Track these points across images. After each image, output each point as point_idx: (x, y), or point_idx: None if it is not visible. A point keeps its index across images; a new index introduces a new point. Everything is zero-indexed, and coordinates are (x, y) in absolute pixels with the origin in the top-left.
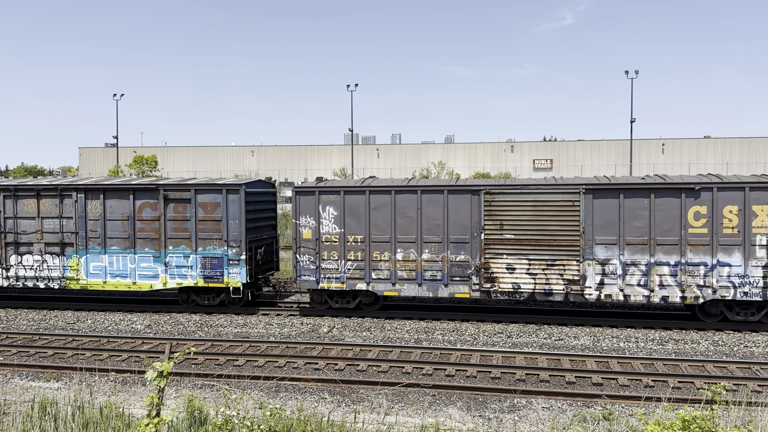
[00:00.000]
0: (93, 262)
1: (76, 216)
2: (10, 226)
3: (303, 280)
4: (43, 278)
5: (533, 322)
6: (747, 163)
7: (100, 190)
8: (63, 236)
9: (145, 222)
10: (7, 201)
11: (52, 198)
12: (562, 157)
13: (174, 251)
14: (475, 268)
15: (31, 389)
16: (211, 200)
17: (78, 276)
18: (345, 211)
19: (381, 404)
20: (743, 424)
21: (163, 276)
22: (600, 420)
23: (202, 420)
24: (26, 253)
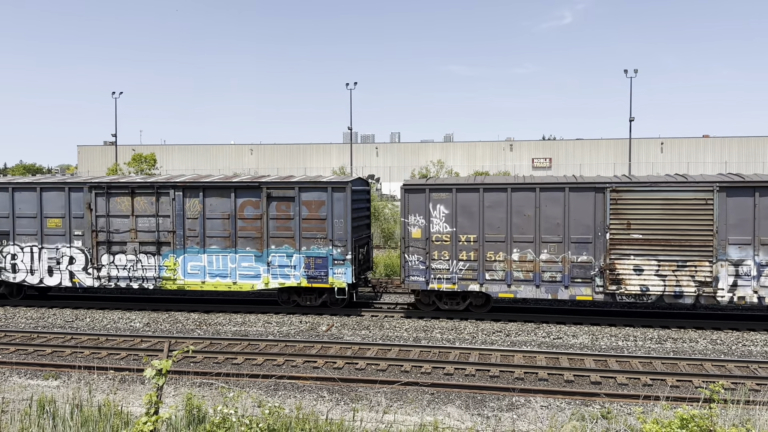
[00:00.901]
0: (191, 261)
1: (173, 214)
2: (102, 224)
3: (411, 281)
4: (137, 278)
5: (532, 321)
6: (746, 163)
7: (200, 188)
8: (159, 235)
9: (246, 220)
10: (99, 199)
11: (148, 196)
12: (561, 156)
13: (276, 251)
14: (599, 269)
15: (29, 387)
16: (315, 198)
17: (175, 276)
18: (457, 209)
19: (380, 403)
20: (741, 423)
21: (265, 276)
22: (598, 419)
23: (201, 418)
24: (119, 252)
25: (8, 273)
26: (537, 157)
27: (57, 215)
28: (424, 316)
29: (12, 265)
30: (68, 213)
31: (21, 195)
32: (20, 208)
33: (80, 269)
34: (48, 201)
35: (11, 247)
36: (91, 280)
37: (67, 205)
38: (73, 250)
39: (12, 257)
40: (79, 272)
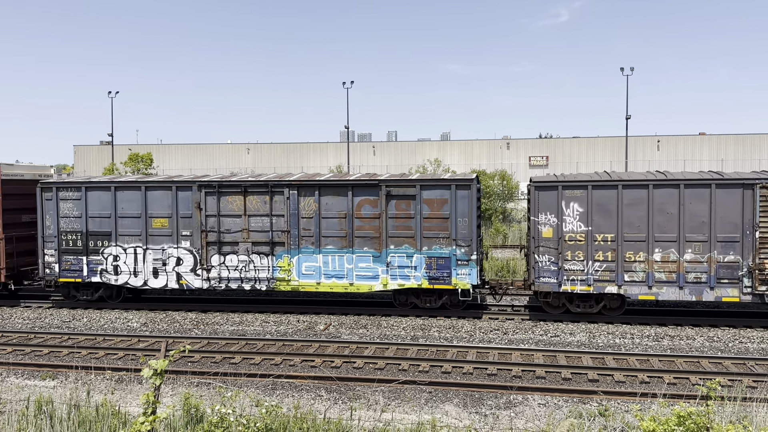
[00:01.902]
0: (306, 262)
1: (287, 213)
2: (212, 224)
3: (542, 282)
4: (249, 279)
5: (529, 319)
6: (742, 160)
7: (315, 186)
8: (272, 235)
9: (364, 220)
10: (209, 198)
11: (261, 195)
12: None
13: (396, 251)
14: (747, 269)
15: (26, 388)
16: (438, 196)
17: (289, 277)
18: (592, 207)
19: (377, 401)
20: (738, 420)
21: (383, 277)
22: (596, 416)
23: (199, 418)
24: (230, 252)
25: (109, 275)
26: (534, 155)
27: (163, 215)
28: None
29: (114, 266)
30: (175, 213)
31: (124, 194)
32: (123, 208)
33: (188, 270)
34: (153, 200)
35: (113, 248)
36: (199, 282)
37: (174, 204)
38: (180, 251)
39: (114, 258)
40: (187, 273)
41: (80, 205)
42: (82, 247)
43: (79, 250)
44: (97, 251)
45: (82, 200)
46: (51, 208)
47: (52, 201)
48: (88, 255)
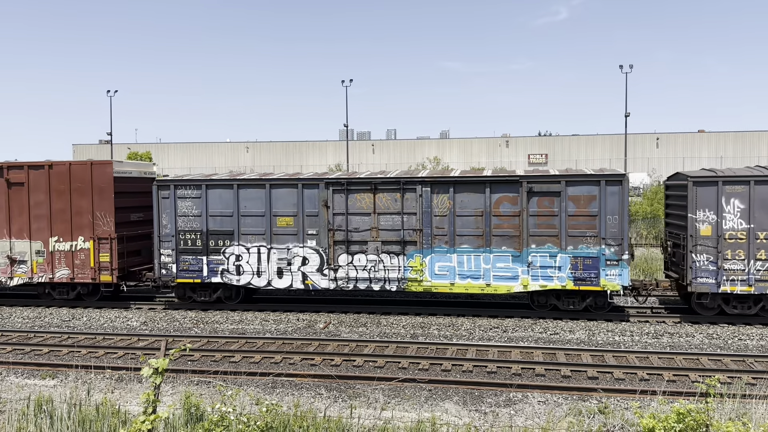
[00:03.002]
0: (439, 261)
1: (420, 212)
2: (340, 223)
3: (699, 283)
4: (379, 279)
5: (529, 317)
6: (741, 157)
7: (449, 184)
8: (403, 234)
9: (502, 218)
10: (337, 196)
11: (392, 192)
12: (557, 152)
13: (537, 250)
14: None
15: (26, 387)
16: (584, 193)
17: (421, 277)
18: (754, 203)
19: (377, 399)
20: (738, 417)
21: (523, 277)
22: (595, 413)
23: (199, 416)
24: (359, 252)
25: (231, 275)
26: (533, 153)
27: (288, 213)
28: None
29: (236, 266)
30: (301, 211)
31: (247, 192)
32: (245, 206)
33: (314, 270)
34: (278, 198)
35: (235, 248)
36: (326, 282)
37: (299, 202)
38: (306, 250)
39: (236, 258)
40: (313, 273)
41: (200, 203)
42: (201, 246)
43: (198, 249)
44: (218, 251)
45: (201, 198)
46: (168, 207)
47: (169, 199)
48: (208, 255)
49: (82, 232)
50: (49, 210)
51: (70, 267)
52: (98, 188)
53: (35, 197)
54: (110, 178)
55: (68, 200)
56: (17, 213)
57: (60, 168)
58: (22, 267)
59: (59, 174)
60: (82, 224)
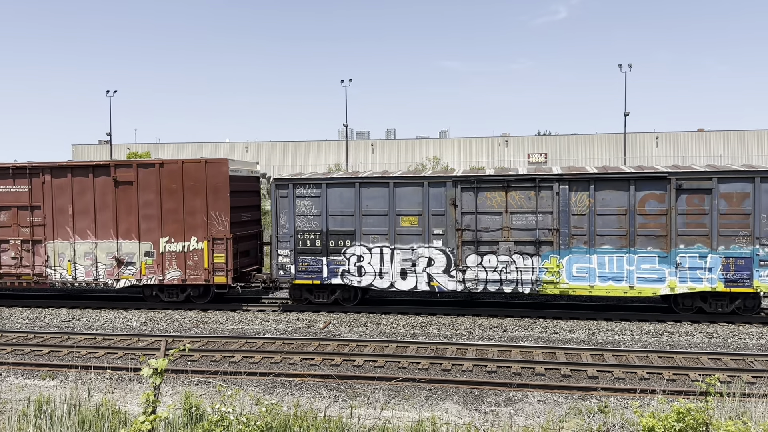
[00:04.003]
0: (576, 263)
1: (556, 210)
2: (468, 222)
3: None
4: (510, 282)
5: (529, 316)
6: (740, 156)
7: (589, 181)
8: (538, 234)
9: (647, 216)
10: (465, 194)
11: (525, 190)
12: (557, 151)
13: (686, 250)
14: None
15: (26, 388)
16: (737, 190)
17: (558, 279)
18: None
19: (377, 399)
20: (737, 416)
21: (670, 279)
22: (595, 413)
23: (199, 416)
24: (489, 253)
25: (352, 276)
26: (532, 152)
27: (412, 213)
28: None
29: (357, 267)
30: (426, 210)
31: (369, 191)
32: (367, 206)
33: (440, 272)
34: (402, 197)
35: (357, 248)
36: (453, 284)
37: (424, 201)
38: (431, 251)
39: (357, 259)
40: (439, 275)
41: (319, 202)
42: (321, 247)
43: (317, 250)
44: (339, 251)
45: (321, 197)
46: (286, 206)
47: (287, 198)
48: (328, 255)
49: (195, 233)
50: (159, 210)
51: (182, 268)
52: (213, 187)
53: (144, 196)
54: (226, 177)
55: (180, 200)
56: (125, 213)
57: (172, 166)
58: (129, 268)
59: (171, 172)
60: (195, 224)
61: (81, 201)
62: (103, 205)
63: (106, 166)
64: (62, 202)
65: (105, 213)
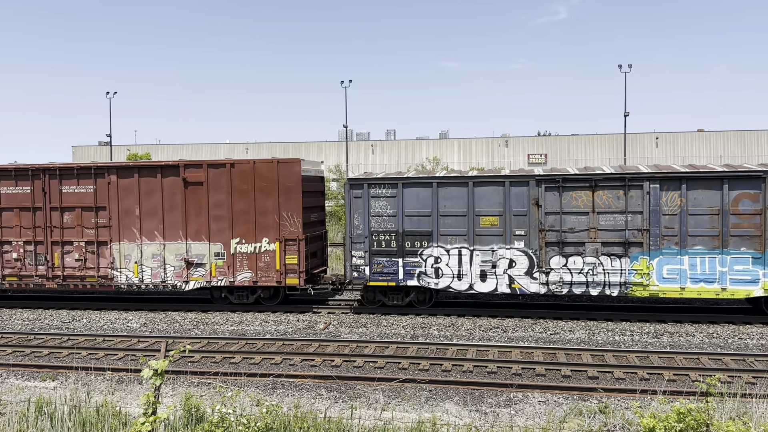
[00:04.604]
0: (667, 264)
1: (646, 210)
2: (552, 222)
3: None
4: (597, 284)
5: (529, 317)
6: (740, 156)
7: (681, 180)
8: (627, 234)
9: (741, 216)
10: (549, 194)
11: (614, 189)
12: (557, 152)
13: None
14: None
15: (27, 389)
16: None
17: (647, 281)
18: None
19: (378, 400)
20: (738, 416)
21: (764, 281)
22: (596, 413)
23: (199, 418)
24: (574, 254)
25: (429, 278)
26: (532, 153)
27: (492, 213)
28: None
29: (435, 269)
30: (507, 210)
31: (447, 190)
32: (445, 206)
33: (522, 274)
34: (481, 197)
35: (434, 249)
36: (536, 286)
37: (505, 201)
38: (513, 252)
39: (435, 260)
40: (521, 277)
41: (395, 202)
42: (396, 248)
43: (392, 251)
44: (415, 252)
45: (397, 197)
46: (360, 206)
47: (361, 199)
48: (403, 256)
49: (267, 234)
50: (230, 210)
51: (253, 270)
52: (285, 188)
53: (215, 197)
54: (298, 177)
55: (251, 200)
56: (194, 214)
57: (243, 166)
58: (199, 270)
59: (242, 173)
60: (266, 225)
61: (148, 202)
62: (172, 206)
63: (176, 166)
64: (129, 203)
65: (174, 214)
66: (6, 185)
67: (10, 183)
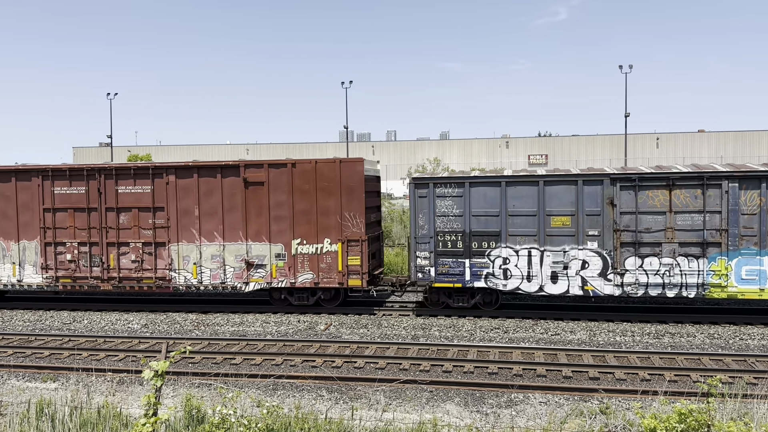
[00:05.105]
0: (746, 265)
1: (725, 210)
2: (627, 222)
3: None
4: (674, 285)
5: (530, 318)
6: (741, 156)
7: (760, 178)
8: (705, 234)
9: None
10: (624, 193)
11: (691, 189)
12: (557, 152)
13: None
14: None
15: (28, 390)
16: None
17: (726, 282)
18: None
19: (379, 401)
20: (739, 417)
21: None
22: (597, 414)
23: (200, 419)
24: (650, 255)
25: (497, 279)
26: (533, 153)
27: (564, 212)
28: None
29: (503, 270)
30: (579, 209)
31: (516, 190)
32: (514, 205)
33: (595, 275)
34: (552, 196)
35: (502, 250)
36: (610, 288)
37: (578, 200)
38: (585, 253)
39: (503, 261)
40: (594, 278)
41: (462, 202)
42: (463, 248)
43: (459, 252)
44: (482, 253)
45: (464, 197)
46: (425, 206)
47: (426, 198)
48: (470, 257)
49: (329, 234)
50: (291, 211)
51: (315, 271)
52: (347, 187)
53: (276, 197)
54: (361, 177)
55: (313, 200)
56: (255, 214)
57: (304, 166)
58: (259, 271)
59: (303, 172)
60: (328, 226)
61: (208, 202)
62: (232, 206)
63: (236, 166)
64: (187, 203)
65: (233, 214)
66: (60, 185)
67: (63, 183)
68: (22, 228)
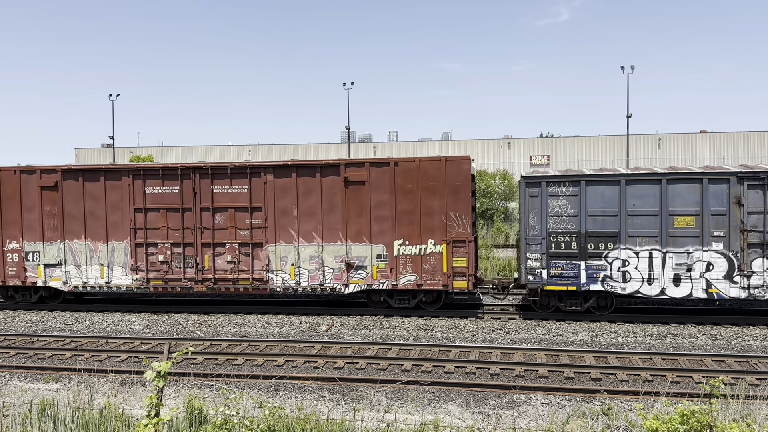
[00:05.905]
0: None
1: None
2: (755, 222)
3: None
4: None
5: (532, 318)
6: (743, 157)
7: None
8: None
9: None
10: (752, 192)
11: None
12: (559, 153)
13: None
14: None
15: (30, 391)
16: None
17: None
18: None
19: (380, 402)
20: (742, 418)
21: None
22: (599, 415)
23: (202, 419)
24: None
25: (615, 282)
26: (535, 154)
27: (687, 212)
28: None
29: (622, 272)
30: (703, 209)
31: (635, 188)
32: (633, 205)
33: (720, 277)
34: (675, 195)
35: (621, 251)
36: (736, 290)
37: (702, 199)
38: (710, 254)
39: (622, 263)
40: (719, 281)
41: (576, 201)
42: (577, 250)
43: (573, 253)
44: (599, 255)
45: (579, 196)
46: (537, 206)
47: (538, 197)
48: (586, 259)
49: (432, 235)
50: (393, 211)
51: (418, 272)
52: (453, 187)
53: (377, 197)
54: (467, 176)
55: (417, 200)
56: (355, 214)
57: (408, 165)
58: (360, 273)
59: (406, 171)
60: (432, 226)
61: (306, 202)
62: (331, 206)
63: (336, 165)
64: (286, 203)
65: (333, 214)
66: (152, 185)
67: (156, 183)
68: (111, 228)
